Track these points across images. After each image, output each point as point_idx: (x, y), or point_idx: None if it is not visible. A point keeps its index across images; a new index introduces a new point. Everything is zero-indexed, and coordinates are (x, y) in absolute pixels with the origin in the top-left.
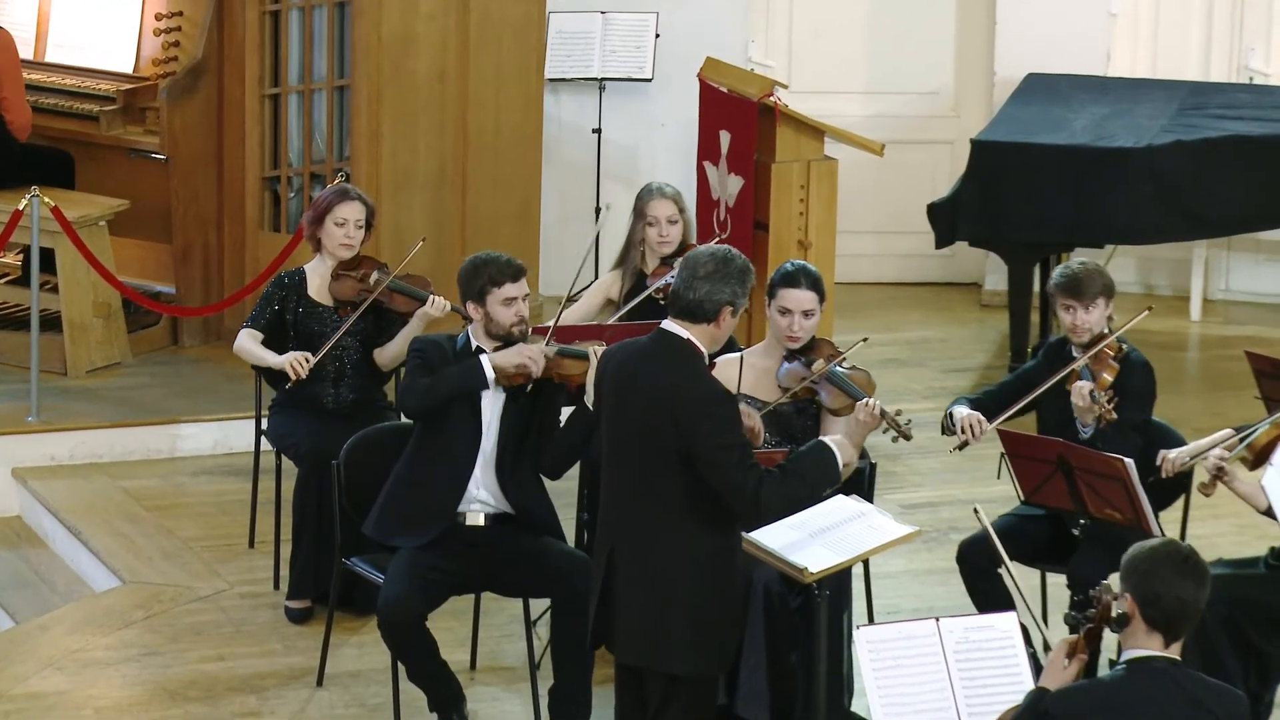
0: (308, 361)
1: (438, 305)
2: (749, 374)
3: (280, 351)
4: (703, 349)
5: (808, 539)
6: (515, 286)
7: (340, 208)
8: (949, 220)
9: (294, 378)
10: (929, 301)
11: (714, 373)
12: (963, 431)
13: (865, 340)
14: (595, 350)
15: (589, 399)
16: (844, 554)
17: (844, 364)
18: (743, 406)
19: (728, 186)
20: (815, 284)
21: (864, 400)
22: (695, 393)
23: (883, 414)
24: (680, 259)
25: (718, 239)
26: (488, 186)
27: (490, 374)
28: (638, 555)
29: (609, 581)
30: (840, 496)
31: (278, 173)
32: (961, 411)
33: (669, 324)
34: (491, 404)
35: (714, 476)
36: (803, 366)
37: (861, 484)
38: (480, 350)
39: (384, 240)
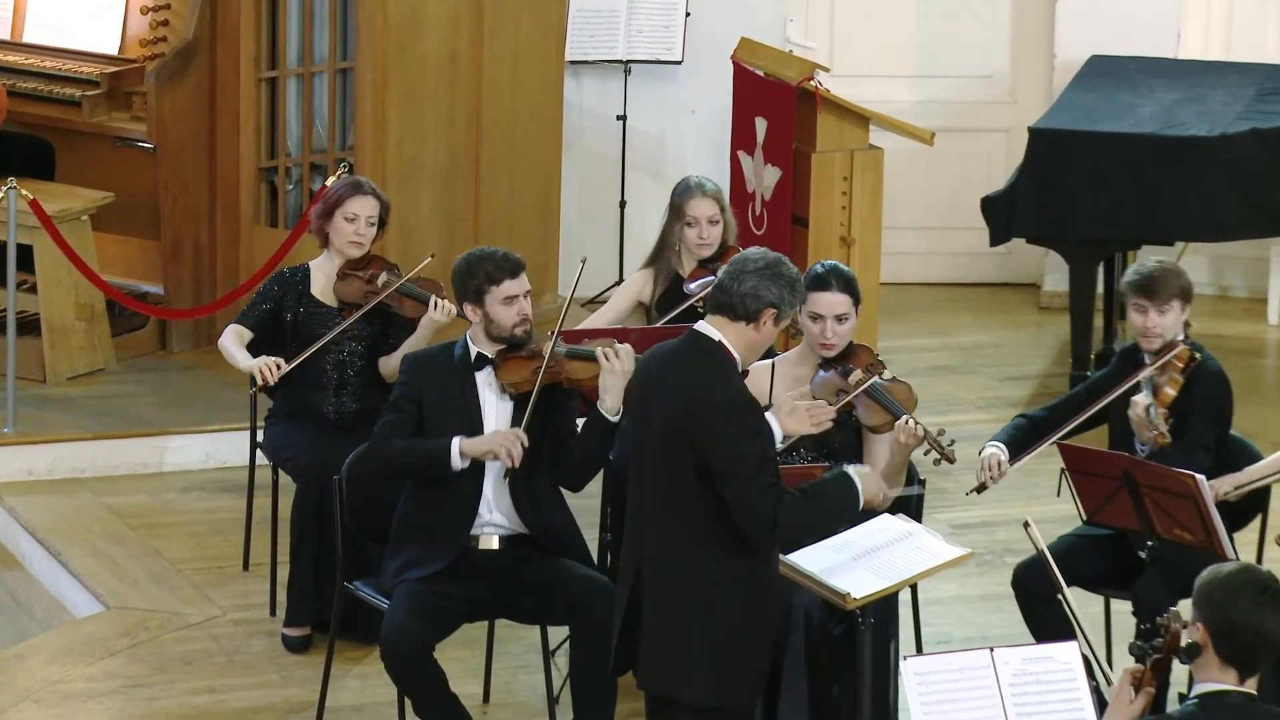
0: (279, 368)
1: (442, 309)
2: (781, 382)
3: (272, 354)
4: (735, 355)
5: (850, 561)
6: (515, 283)
7: (352, 202)
8: (1005, 215)
9: (259, 383)
10: (982, 304)
11: (746, 381)
12: (983, 471)
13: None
14: (605, 352)
15: (605, 404)
16: (890, 578)
17: (884, 375)
18: (815, 400)
19: (764, 178)
20: (848, 286)
21: (904, 419)
22: (716, 397)
23: (924, 434)
24: (724, 260)
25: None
26: (503, 179)
27: (458, 461)
28: (662, 576)
29: (634, 604)
30: (886, 515)
31: (275, 163)
32: (987, 450)
33: (703, 325)
34: (496, 415)
35: (728, 491)
36: (839, 376)
37: (909, 502)
38: (481, 360)
39: (390, 238)
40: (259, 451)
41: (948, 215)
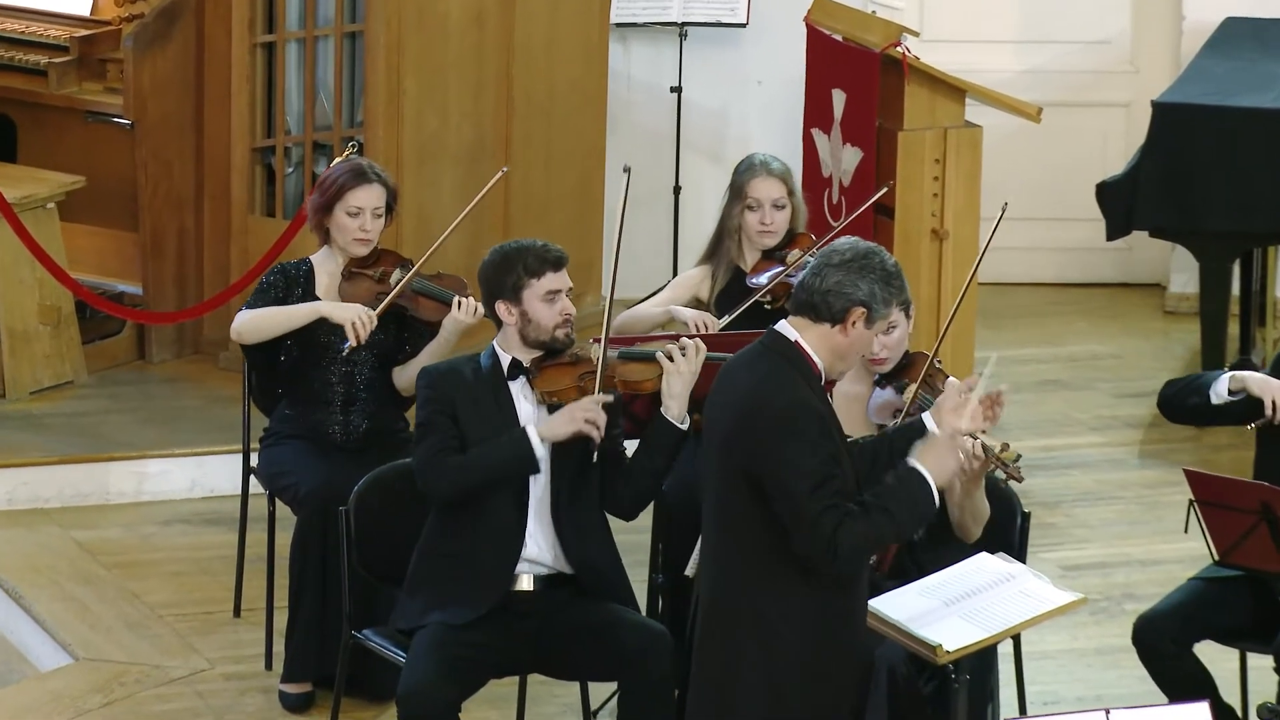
0: (371, 321)
1: (467, 309)
2: (837, 403)
3: (270, 368)
4: (817, 360)
5: (942, 608)
6: (558, 277)
7: (354, 194)
8: (1124, 205)
9: (354, 342)
10: (1098, 308)
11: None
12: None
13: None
14: (669, 350)
15: (671, 410)
16: (988, 628)
17: (943, 385)
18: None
19: (842, 160)
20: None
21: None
22: (773, 402)
23: (985, 451)
24: (793, 248)
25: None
26: (538, 161)
27: (540, 450)
28: (716, 610)
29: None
30: (983, 554)
31: (272, 142)
32: (1253, 377)
33: (783, 325)
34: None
35: (783, 508)
36: (896, 395)
37: (1011, 538)
38: (517, 368)
39: (406, 228)
40: (253, 478)
41: (1057, 204)
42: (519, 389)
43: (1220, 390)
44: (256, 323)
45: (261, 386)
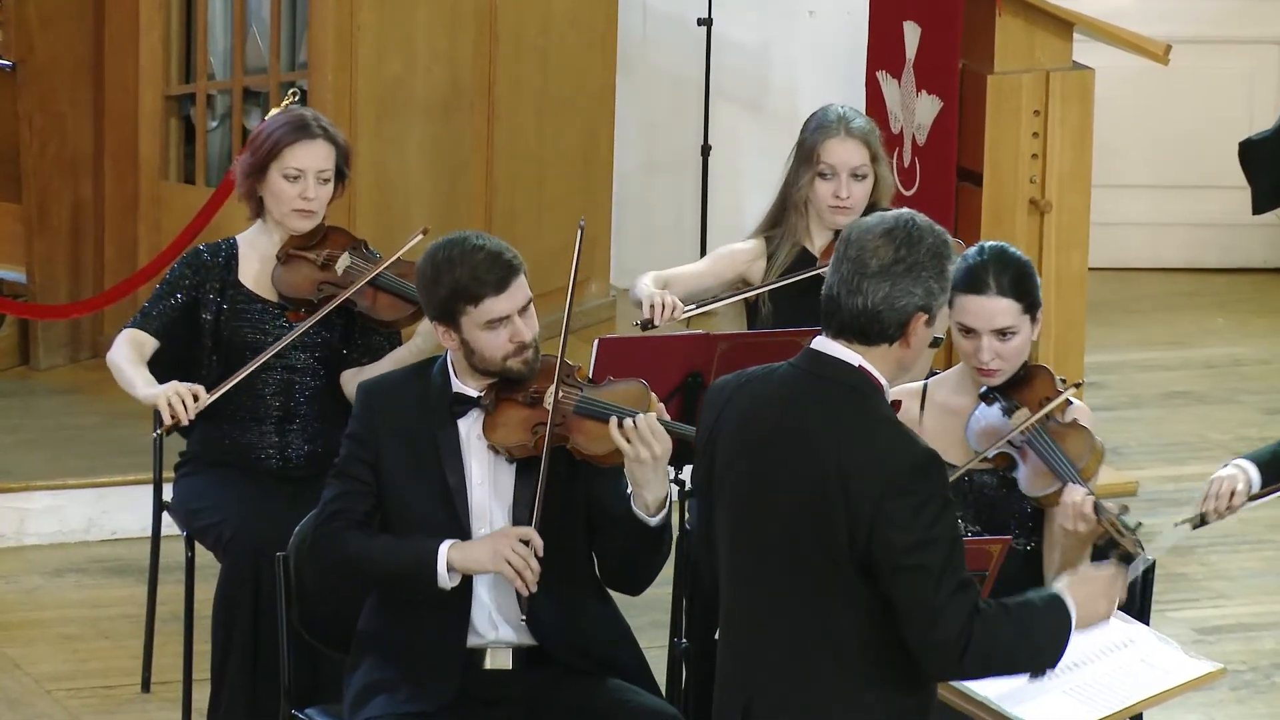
0: (195, 400)
1: None
2: (933, 417)
3: (186, 373)
4: (882, 380)
5: (1042, 682)
6: (504, 299)
7: (294, 152)
8: (1275, 169)
9: (167, 423)
10: (1242, 300)
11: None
12: (1209, 499)
13: (1076, 388)
14: (625, 425)
15: (641, 499)
16: (1101, 707)
17: (1063, 414)
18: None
19: (916, 112)
20: (1017, 284)
21: (1072, 486)
22: (881, 456)
23: (1097, 511)
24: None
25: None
26: (529, 113)
27: (446, 579)
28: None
29: None
30: None
31: (191, 89)
32: (1224, 470)
33: (824, 343)
34: (491, 484)
35: (903, 593)
36: (1002, 417)
37: (1131, 593)
38: (463, 402)
39: (361, 199)
40: (167, 516)
41: (1188, 169)
42: (469, 426)
43: None
44: (115, 370)
45: None
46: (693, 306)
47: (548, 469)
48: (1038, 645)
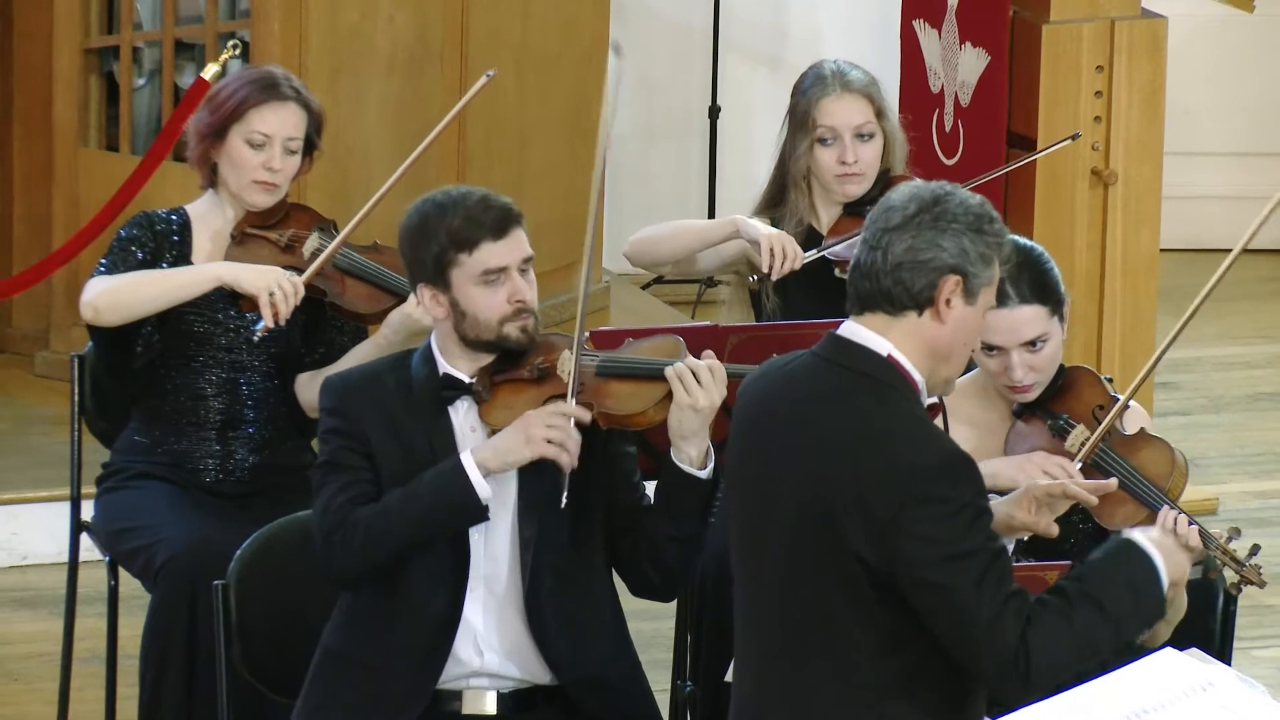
0: (296, 293)
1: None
2: (959, 435)
3: (125, 348)
4: (914, 373)
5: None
6: (503, 245)
7: (260, 114)
8: None
9: (269, 322)
10: None
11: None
12: None
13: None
14: (678, 370)
15: (683, 453)
16: None
17: (1122, 423)
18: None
19: (959, 69)
20: (1038, 284)
21: (1165, 512)
22: (905, 456)
23: (1203, 538)
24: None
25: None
26: (508, 69)
27: (484, 489)
28: None
29: None
30: (1168, 650)
31: (115, 41)
32: None
33: (853, 329)
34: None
35: (938, 613)
36: (1053, 438)
37: (1210, 627)
38: (454, 385)
39: (316, 170)
40: (87, 537)
41: (1276, 134)
42: (462, 417)
43: None
44: (124, 293)
45: (102, 399)
46: (813, 251)
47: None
48: (1119, 617)
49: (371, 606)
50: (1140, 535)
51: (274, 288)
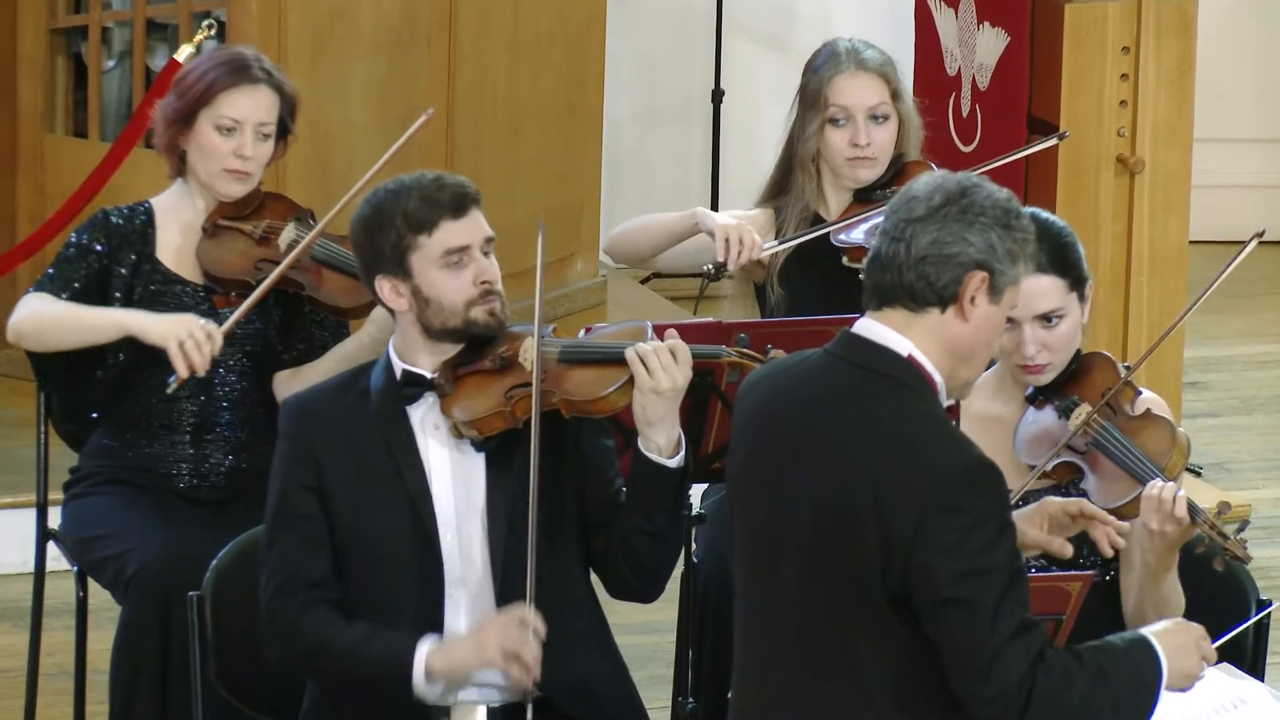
0: (210, 341)
1: None
2: (971, 430)
3: (88, 364)
4: (934, 374)
5: None
6: (463, 225)
7: (230, 98)
8: None
9: (181, 377)
10: None
11: None
12: None
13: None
14: (639, 351)
15: (650, 442)
16: None
17: (1133, 405)
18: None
19: (977, 50)
20: (1058, 255)
21: (1153, 482)
22: (928, 462)
23: (1192, 514)
24: (902, 184)
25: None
26: (500, 51)
27: (429, 691)
28: None
29: None
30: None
31: (83, 20)
32: None
33: (870, 325)
34: (454, 482)
35: (948, 637)
36: (1058, 419)
37: (1241, 640)
38: (414, 383)
39: (291, 154)
40: (54, 546)
41: None
42: (422, 416)
43: None
44: (46, 331)
45: (68, 404)
46: (773, 242)
47: (540, 442)
48: (1118, 698)
49: (354, 609)
50: (1156, 638)
51: (184, 337)
